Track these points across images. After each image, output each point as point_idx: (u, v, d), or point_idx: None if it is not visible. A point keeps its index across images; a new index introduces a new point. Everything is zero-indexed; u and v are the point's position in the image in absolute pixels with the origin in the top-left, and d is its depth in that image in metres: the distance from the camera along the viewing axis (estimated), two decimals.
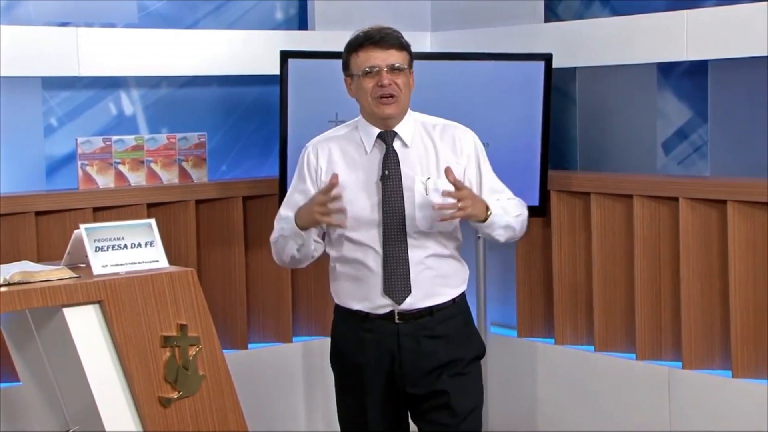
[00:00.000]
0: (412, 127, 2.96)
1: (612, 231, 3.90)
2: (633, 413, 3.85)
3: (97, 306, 2.95)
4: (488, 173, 3.01)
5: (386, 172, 2.89)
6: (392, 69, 2.86)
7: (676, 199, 3.67)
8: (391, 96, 2.87)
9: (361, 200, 2.91)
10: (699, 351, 3.67)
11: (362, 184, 2.92)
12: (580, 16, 4.16)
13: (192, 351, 3.04)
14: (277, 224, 3.03)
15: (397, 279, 2.89)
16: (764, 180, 3.56)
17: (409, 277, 2.89)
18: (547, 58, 3.84)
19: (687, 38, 3.65)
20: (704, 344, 3.67)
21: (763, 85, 3.66)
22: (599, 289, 3.93)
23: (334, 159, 2.96)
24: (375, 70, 2.86)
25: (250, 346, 4.14)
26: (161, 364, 2.99)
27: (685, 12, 3.67)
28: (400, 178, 2.90)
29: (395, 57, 2.87)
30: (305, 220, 2.90)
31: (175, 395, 3.00)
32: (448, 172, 2.82)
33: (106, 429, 2.92)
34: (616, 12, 4.04)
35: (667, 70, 3.92)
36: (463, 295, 3.03)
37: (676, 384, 3.72)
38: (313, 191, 2.95)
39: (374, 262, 2.90)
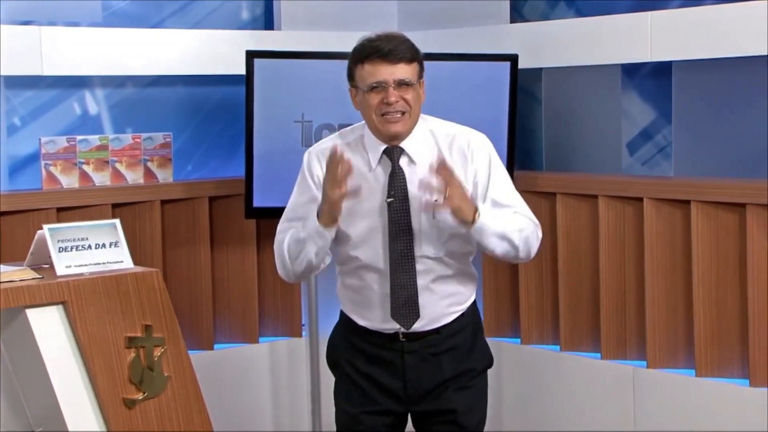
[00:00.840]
0: (420, 139, 2.77)
1: (577, 231, 3.93)
2: (598, 412, 3.88)
3: (60, 307, 2.93)
4: (496, 186, 2.78)
5: (392, 193, 2.73)
6: (400, 84, 2.66)
7: (641, 200, 3.70)
8: (400, 113, 2.69)
9: (366, 221, 2.76)
10: (663, 350, 3.70)
11: (368, 204, 2.75)
12: (545, 17, 4.18)
13: (157, 352, 3.03)
14: (284, 231, 2.81)
15: (404, 305, 2.75)
16: (727, 180, 3.60)
17: (417, 304, 2.76)
18: (513, 58, 3.85)
19: (651, 39, 3.68)
20: (668, 343, 3.70)
21: (727, 87, 3.70)
22: (565, 288, 3.95)
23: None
24: (382, 86, 2.67)
25: (215, 346, 4.12)
26: (126, 365, 2.97)
27: (649, 13, 3.70)
28: (408, 200, 2.73)
29: (404, 71, 2.67)
30: (327, 214, 2.66)
31: (139, 396, 2.99)
32: (438, 162, 2.62)
33: (70, 430, 2.89)
34: (581, 13, 4.07)
35: (631, 71, 3.95)
36: (472, 305, 2.89)
37: (640, 383, 3.75)
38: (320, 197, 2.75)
39: (381, 286, 2.77)
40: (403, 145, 2.75)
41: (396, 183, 2.74)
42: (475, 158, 2.78)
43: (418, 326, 2.79)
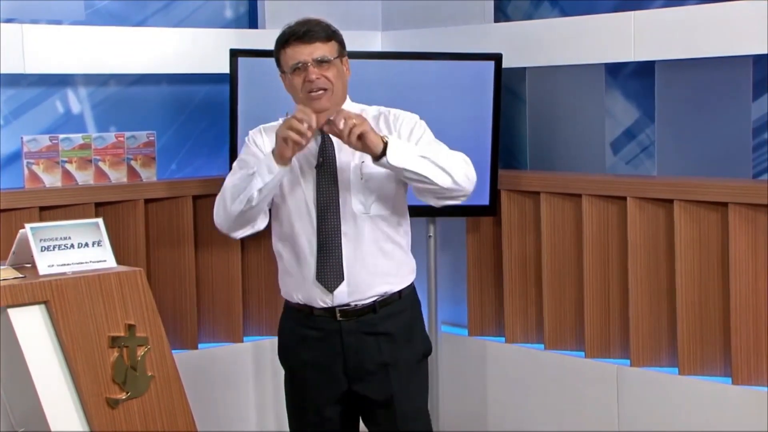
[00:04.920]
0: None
1: (561, 230, 3.94)
2: (582, 411, 3.89)
3: (42, 306, 2.91)
4: (426, 141, 2.91)
5: (321, 159, 2.89)
6: (319, 63, 2.85)
7: (624, 199, 3.71)
8: (322, 90, 2.85)
9: (297, 188, 2.91)
10: (646, 349, 3.72)
11: (299, 171, 2.91)
12: (529, 17, 4.19)
13: (140, 351, 3.02)
14: (236, 170, 2.93)
15: (330, 265, 2.88)
16: (710, 179, 3.62)
17: (342, 264, 2.87)
18: (497, 57, 3.86)
19: (634, 39, 3.69)
20: (651, 342, 3.72)
21: (709, 86, 3.71)
22: (549, 287, 3.96)
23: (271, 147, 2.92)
24: (302, 66, 2.85)
25: (200, 346, 4.12)
26: (109, 364, 2.96)
27: (632, 13, 3.71)
28: (335, 164, 2.89)
29: (321, 50, 2.85)
30: (280, 153, 2.79)
31: (123, 396, 2.97)
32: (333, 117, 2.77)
33: (53, 431, 2.88)
34: (564, 13, 4.08)
35: (614, 70, 3.96)
36: (410, 288, 3.00)
37: (624, 381, 3.76)
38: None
39: (309, 248, 2.90)
40: (332, 118, 2.86)
41: (325, 150, 2.90)
42: (401, 129, 2.91)
43: (349, 297, 2.88)
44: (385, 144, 2.76)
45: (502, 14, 4.28)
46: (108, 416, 2.94)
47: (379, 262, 2.92)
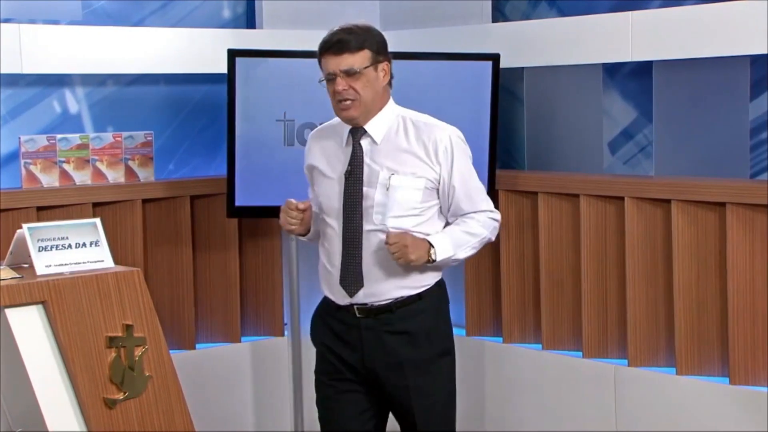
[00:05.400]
0: (387, 123, 2.97)
1: (559, 230, 3.94)
2: (579, 410, 3.89)
3: (40, 307, 2.91)
4: (461, 180, 2.97)
5: (350, 168, 2.95)
6: (347, 74, 2.89)
7: (622, 199, 3.71)
8: (349, 100, 2.90)
9: (330, 191, 2.98)
10: (644, 349, 3.72)
11: (333, 175, 2.98)
12: (527, 17, 4.19)
13: (138, 351, 3.02)
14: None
15: (351, 272, 2.94)
16: (708, 180, 3.62)
17: (362, 271, 2.93)
18: (495, 58, 3.86)
19: (632, 39, 3.69)
20: (649, 342, 3.72)
21: (707, 86, 3.72)
22: (546, 287, 3.96)
23: (318, 149, 3.04)
24: (332, 77, 2.91)
25: (198, 346, 4.12)
26: (106, 365, 2.96)
27: (629, 13, 3.71)
28: (362, 174, 2.93)
29: (349, 61, 2.89)
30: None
31: (120, 396, 2.97)
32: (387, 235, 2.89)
33: (50, 431, 2.88)
34: (562, 13, 4.08)
35: (612, 70, 3.96)
36: (434, 288, 3.02)
37: (621, 381, 3.76)
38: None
39: (336, 252, 2.96)
40: (366, 126, 2.96)
41: (354, 159, 2.95)
42: (438, 152, 2.95)
43: (366, 299, 2.95)
44: (431, 257, 2.91)
45: (499, 14, 4.28)
46: (105, 416, 2.94)
47: (397, 270, 2.94)
